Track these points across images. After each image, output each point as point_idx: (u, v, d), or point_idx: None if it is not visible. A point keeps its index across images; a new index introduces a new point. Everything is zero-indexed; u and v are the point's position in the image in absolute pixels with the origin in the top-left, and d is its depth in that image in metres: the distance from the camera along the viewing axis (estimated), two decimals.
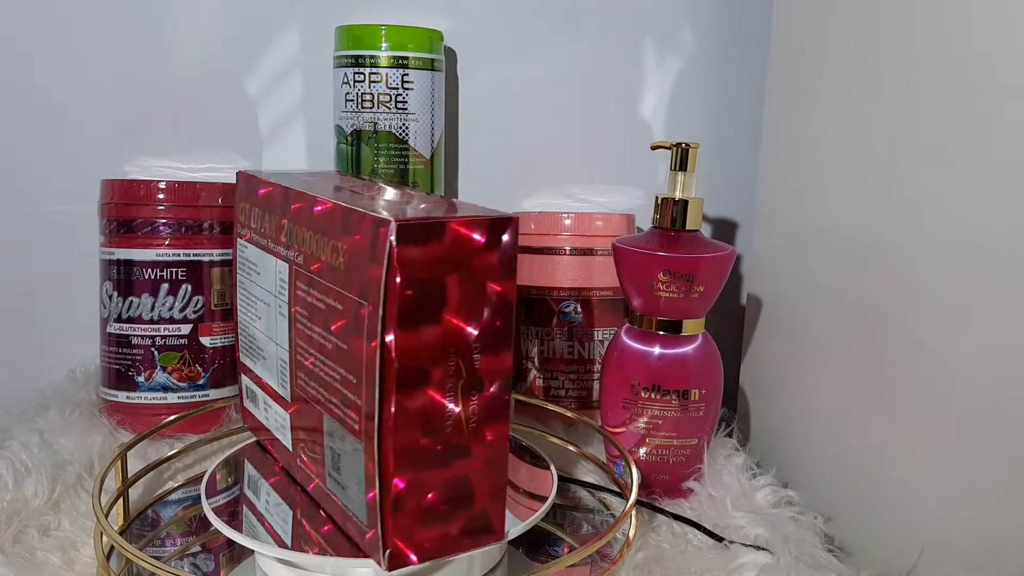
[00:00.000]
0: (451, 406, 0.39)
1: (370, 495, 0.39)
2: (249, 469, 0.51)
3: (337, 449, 0.41)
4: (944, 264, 0.46)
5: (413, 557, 0.39)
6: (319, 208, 0.41)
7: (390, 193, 0.47)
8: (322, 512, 0.45)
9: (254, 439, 0.54)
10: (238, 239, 0.51)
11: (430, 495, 0.39)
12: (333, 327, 0.40)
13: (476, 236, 0.38)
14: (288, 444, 0.47)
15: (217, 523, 0.44)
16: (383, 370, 0.37)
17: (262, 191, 0.48)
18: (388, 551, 0.39)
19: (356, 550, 0.42)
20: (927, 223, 0.47)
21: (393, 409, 0.37)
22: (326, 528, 0.44)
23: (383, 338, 0.37)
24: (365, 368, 0.38)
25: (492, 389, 0.40)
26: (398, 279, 0.36)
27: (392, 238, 0.36)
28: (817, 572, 0.48)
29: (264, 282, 0.48)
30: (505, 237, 0.38)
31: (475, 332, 0.39)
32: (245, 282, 0.51)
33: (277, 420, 0.48)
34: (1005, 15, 0.42)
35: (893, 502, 0.50)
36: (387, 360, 0.37)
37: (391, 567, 0.39)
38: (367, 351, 0.37)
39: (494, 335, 0.39)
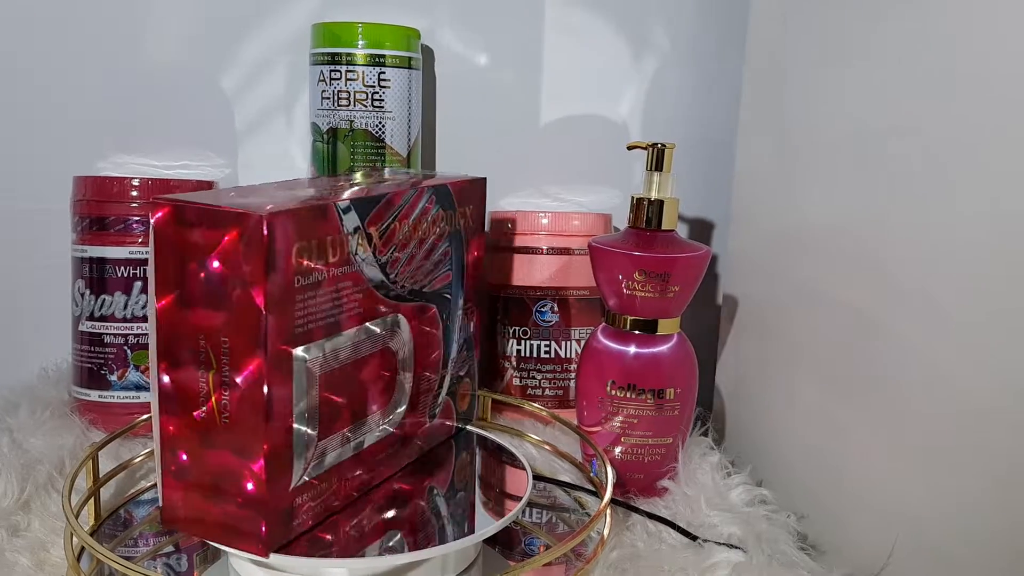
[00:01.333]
0: (203, 394, 0.39)
1: None
2: None
3: None
4: (920, 265, 0.46)
5: (178, 523, 0.42)
6: None
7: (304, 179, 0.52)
8: None
9: None
10: None
11: (194, 473, 0.40)
12: None
13: (221, 228, 0.37)
14: None
15: None
16: (157, 337, 0.40)
17: None
18: (161, 505, 0.42)
19: (329, 549, 0.42)
20: (903, 223, 0.47)
21: (159, 375, 0.40)
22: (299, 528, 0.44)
23: (154, 306, 0.40)
24: None
25: (242, 389, 0.38)
26: (153, 252, 0.39)
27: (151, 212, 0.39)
28: (789, 570, 0.48)
29: None
30: (256, 236, 0.37)
31: (219, 326, 0.38)
32: None
33: None
34: (984, 11, 0.42)
35: (866, 501, 0.51)
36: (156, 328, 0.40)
37: (161, 521, 0.42)
38: None
39: (241, 334, 0.38)
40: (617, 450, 0.58)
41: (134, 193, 0.63)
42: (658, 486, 0.58)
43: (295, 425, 0.40)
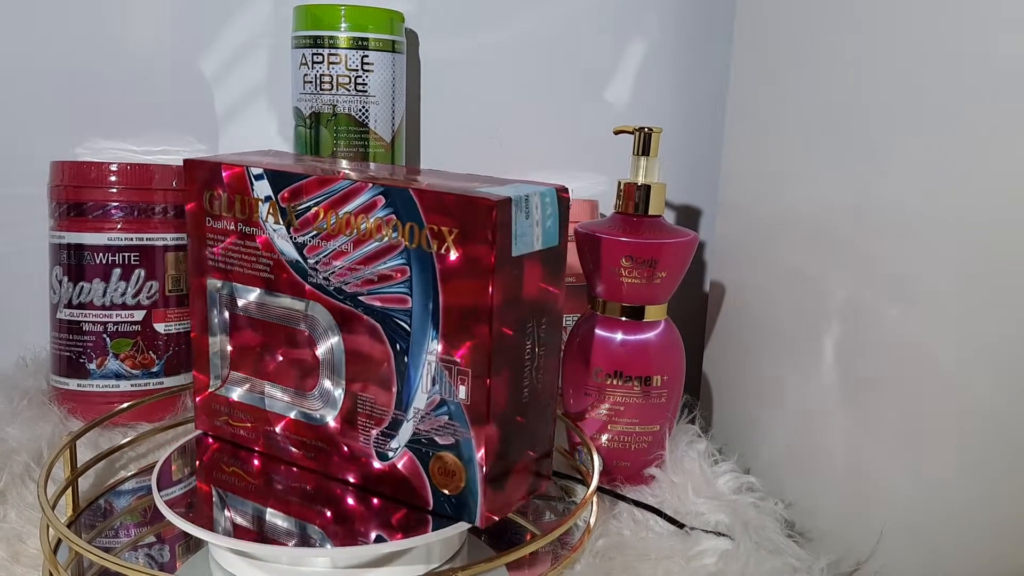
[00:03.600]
0: None
1: None
2: (204, 457, 0.49)
3: None
4: (907, 251, 0.46)
5: None
6: None
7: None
8: (279, 501, 0.44)
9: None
10: None
11: None
12: None
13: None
14: None
15: (167, 512, 0.43)
16: None
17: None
18: None
19: (311, 540, 0.41)
20: (891, 211, 0.47)
21: None
22: (283, 517, 0.43)
23: None
24: None
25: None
26: None
27: None
28: (777, 558, 0.48)
29: None
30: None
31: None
32: None
33: None
34: (967, 11, 0.42)
35: (853, 489, 0.50)
36: None
37: None
38: None
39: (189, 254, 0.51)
40: (604, 438, 0.58)
41: (112, 178, 0.62)
42: (645, 474, 0.58)
43: (209, 338, 0.50)
